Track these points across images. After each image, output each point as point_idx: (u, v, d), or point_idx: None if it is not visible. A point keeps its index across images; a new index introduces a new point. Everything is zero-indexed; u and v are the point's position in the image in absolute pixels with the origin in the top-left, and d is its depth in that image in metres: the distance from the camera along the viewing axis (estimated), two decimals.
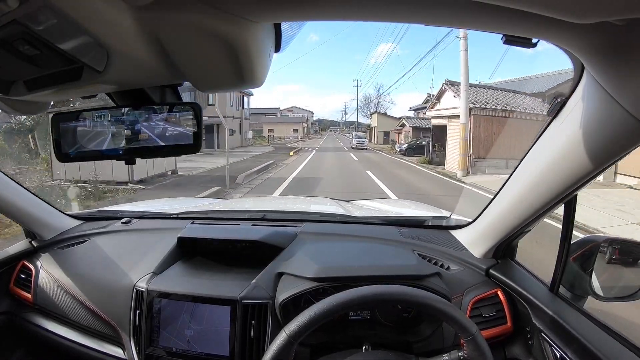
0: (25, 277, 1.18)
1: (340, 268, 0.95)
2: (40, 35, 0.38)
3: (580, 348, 0.73)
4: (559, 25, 0.39)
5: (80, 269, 1.15)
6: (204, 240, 1.15)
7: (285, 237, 1.15)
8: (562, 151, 0.67)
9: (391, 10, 0.41)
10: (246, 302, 0.91)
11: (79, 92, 0.57)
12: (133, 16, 0.38)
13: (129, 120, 0.57)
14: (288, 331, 0.65)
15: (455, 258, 1.09)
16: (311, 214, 1.45)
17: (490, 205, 0.99)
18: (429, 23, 0.44)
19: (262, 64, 0.48)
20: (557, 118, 0.67)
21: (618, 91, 0.50)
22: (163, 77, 0.53)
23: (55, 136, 0.59)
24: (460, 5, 0.39)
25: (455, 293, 0.97)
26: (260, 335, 0.90)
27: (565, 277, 0.87)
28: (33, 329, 1.13)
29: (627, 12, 0.34)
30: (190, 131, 0.57)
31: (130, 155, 0.58)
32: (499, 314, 0.96)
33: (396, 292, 0.70)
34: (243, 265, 1.08)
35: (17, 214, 1.18)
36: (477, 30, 0.46)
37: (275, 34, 0.48)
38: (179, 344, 0.92)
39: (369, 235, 1.21)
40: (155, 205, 1.84)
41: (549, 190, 0.74)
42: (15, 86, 0.49)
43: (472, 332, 0.67)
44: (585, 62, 0.51)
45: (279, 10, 0.41)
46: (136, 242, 1.24)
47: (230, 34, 0.41)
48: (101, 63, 0.43)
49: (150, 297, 0.95)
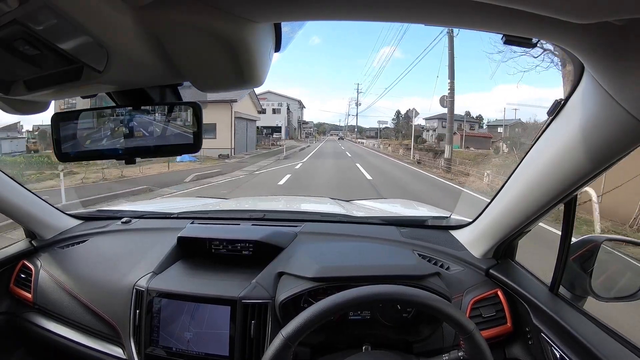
0: (25, 277, 1.18)
1: (340, 268, 0.95)
2: (40, 35, 0.38)
3: (580, 348, 0.73)
4: (559, 25, 0.39)
5: (80, 268, 1.15)
6: (204, 240, 1.15)
7: (285, 237, 1.15)
8: (562, 151, 0.67)
9: (391, 10, 0.41)
10: (246, 302, 0.91)
11: (79, 92, 0.57)
12: (133, 16, 0.38)
13: (129, 120, 0.57)
14: (285, 333, 0.65)
15: (455, 258, 1.09)
16: (311, 214, 1.45)
17: (490, 205, 0.99)
18: (429, 23, 0.44)
19: (262, 64, 0.48)
20: (557, 118, 0.67)
21: (618, 91, 0.50)
22: (163, 77, 0.53)
23: (55, 136, 0.59)
24: (460, 5, 0.39)
25: (455, 293, 0.97)
26: (260, 335, 0.90)
27: (565, 277, 0.87)
28: (33, 329, 1.13)
29: (627, 12, 0.34)
30: (191, 131, 0.57)
31: (130, 155, 0.58)
32: (498, 314, 0.96)
33: (392, 292, 0.70)
34: (243, 265, 1.08)
35: (17, 214, 1.18)
36: (477, 30, 0.46)
37: (275, 34, 0.48)
38: (179, 344, 0.92)
39: (369, 235, 1.21)
40: (155, 205, 1.84)
41: (548, 190, 0.74)
42: (15, 86, 0.49)
43: (470, 329, 0.67)
44: (585, 62, 0.51)
45: (279, 10, 0.41)
46: (136, 242, 1.24)
47: (230, 34, 0.41)
48: (101, 63, 0.43)
49: (150, 296, 0.95)
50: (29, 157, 12.50)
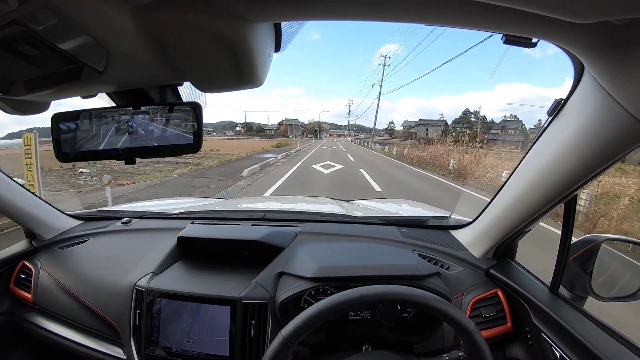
0: (25, 277, 1.18)
1: (340, 268, 0.95)
2: (40, 35, 0.38)
3: (580, 348, 0.73)
4: (559, 25, 0.39)
5: (80, 269, 1.15)
6: (204, 240, 1.14)
7: (286, 237, 1.15)
8: (562, 151, 0.67)
9: (391, 10, 0.41)
10: (246, 302, 0.91)
11: (79, 92, 0.57)
12: (133, 16, 0.38)
13: (128, 120, 0.57)
14: (285, 333, 0.65)
15: (455, 258, 1.09)
16: (311, 214, 1.45)
17: (490, 205, 0.99)
18: (429, 23, 0.44)
19: (262, 64, 0.48)
20: (557, 118, 0.67)
21: (618, 91, 0.50)
22: (163, 77, 0.53)
23: (55, 136, 0.59)
24: (460, 5, 0.39)
25: (455, 293, 0.97)
26: (260, 335, 0.90)
27: (565, 277, 0.87)
28: (33, 329, 1.13)
29: (627, 12, 0.34)
30: (190, 131, 0.57)
31: (130, 155, 0.58)
32: (499, 314, 0.96)
33: (393, 292, 0.70)
34: (243, 265, 1.08)
35: (17, 214, 1.18)
36: (477, 30, 0.46)
37: (275, 34, 0.48)
38: (179, 344, 0.92)
39: (369, 235, 1.21)
40: (155, 205, 1.84)
41: (548, 190, 0.74)
42: (15, 86, 0.49)
43: (470, 329, 0.67)
44: (585, 62, 0.51)
45: (279, 10, 0.41)
46: (136, 242, 1.24)
47: (230, 34, 0.41)
48: (101, 63, 0.43)
49: (150, 296, 0.95)
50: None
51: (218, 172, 11.06)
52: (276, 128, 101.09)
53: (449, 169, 13.19)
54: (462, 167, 12.48)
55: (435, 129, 62.44)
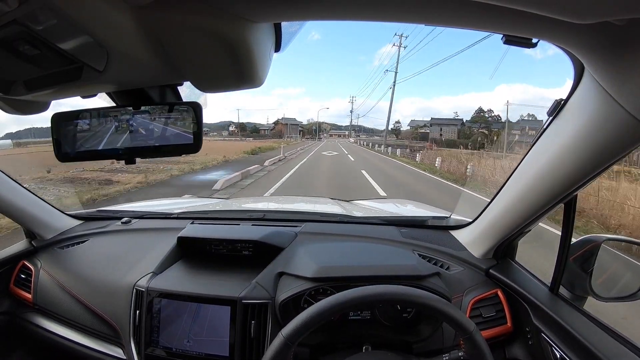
0: (25, 277, 1.18)
1: (340, 268, 0.95)
2: (40, 35, 0.38)
3: (580, 348, 0.73)
4: (559, 25, 0.39)
5: (80, 269, 1.15)
6: (204, 240, 1.14)
7: (286, 237, 1.15)
8: (562, 151, 0.67)
9: (391, 10, 0.41)
10: (246, 302, 0.91)
11: (79, 91, 0.57)
12: (133, 16, 0.38)
13: (128, 120, 0.57)
14: (285, 333, 0.65)
15: (455, 258, 1.09)
16: (311, 214, 1.45)
17: (490, 206, 0.99)
18: (429, 23, 0.44)
19: (262, 64, 0.48)
20: (557, 118, 0.67)
21: (618, 91, 0.50)
22: (163, 77, 0.53)
23: (55, 136, 0.59)
24: (460, 5, 0.39)
25: (455, 293, 0.97)
26: (260, 335, 0.90)
27: (565, 277, 0.87)
28: (33, 329, 1.13)
29: (627, 12, 0.34)
30: (190, 131, 0.57)
31: (130, 154, 0.58)
32: (499, 314, 0.96)
33: (393, 292, 0.70)
34: (243, 265, 1.08)
35: (17, 214, 1.18)
36: (477, 30, 0.46)
37: (275, 34, 0.48)
38: (179, 344, 0.92)
39: (369, 235, 1.21)
40: (155, 205, 1.84)
41: (548, 190, 0.74)
42: (15, 86, 0.49)
43: (470, 330, 0.67)
44: (585, 62, 0.51)
45: (279, 10, 0.41)
46: (136, 242, 1.24)
47: (230, 34, 0.41)
48: (101, 63, 0.43)
49: (150, 297, 0.95)
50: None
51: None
52: (271, 128, 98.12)
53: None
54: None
55: (450, 129, 60.53)
